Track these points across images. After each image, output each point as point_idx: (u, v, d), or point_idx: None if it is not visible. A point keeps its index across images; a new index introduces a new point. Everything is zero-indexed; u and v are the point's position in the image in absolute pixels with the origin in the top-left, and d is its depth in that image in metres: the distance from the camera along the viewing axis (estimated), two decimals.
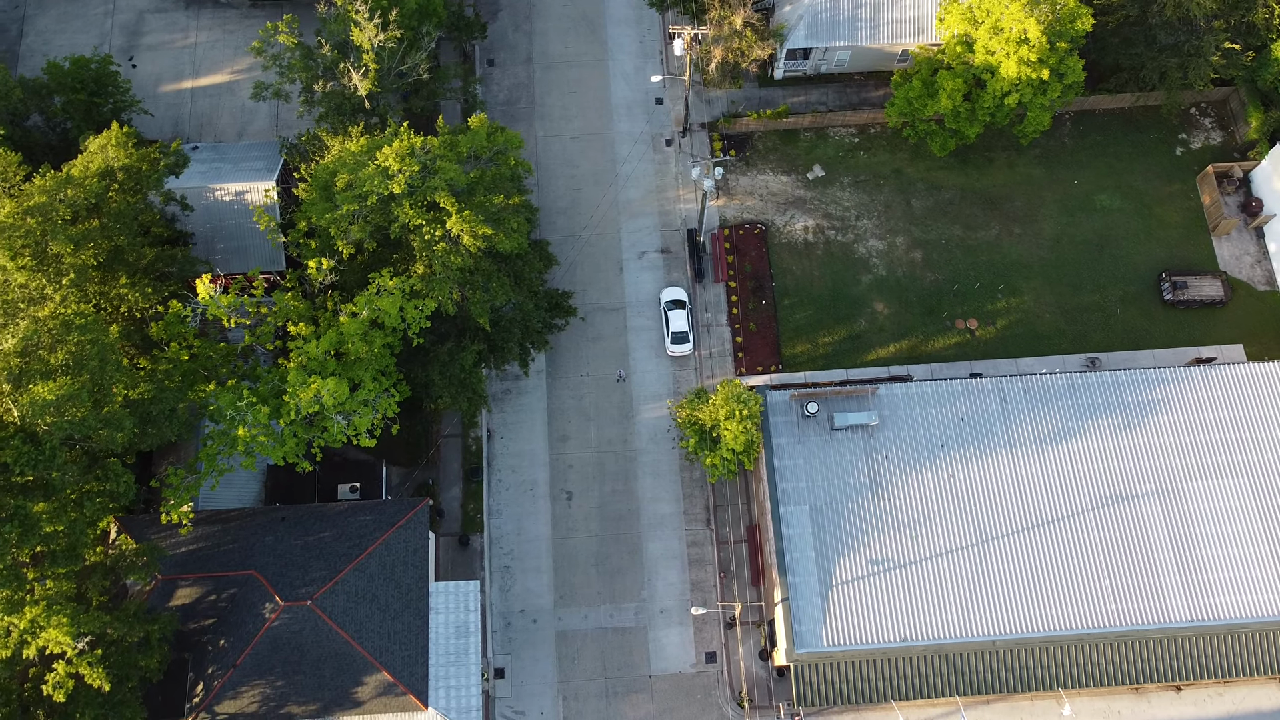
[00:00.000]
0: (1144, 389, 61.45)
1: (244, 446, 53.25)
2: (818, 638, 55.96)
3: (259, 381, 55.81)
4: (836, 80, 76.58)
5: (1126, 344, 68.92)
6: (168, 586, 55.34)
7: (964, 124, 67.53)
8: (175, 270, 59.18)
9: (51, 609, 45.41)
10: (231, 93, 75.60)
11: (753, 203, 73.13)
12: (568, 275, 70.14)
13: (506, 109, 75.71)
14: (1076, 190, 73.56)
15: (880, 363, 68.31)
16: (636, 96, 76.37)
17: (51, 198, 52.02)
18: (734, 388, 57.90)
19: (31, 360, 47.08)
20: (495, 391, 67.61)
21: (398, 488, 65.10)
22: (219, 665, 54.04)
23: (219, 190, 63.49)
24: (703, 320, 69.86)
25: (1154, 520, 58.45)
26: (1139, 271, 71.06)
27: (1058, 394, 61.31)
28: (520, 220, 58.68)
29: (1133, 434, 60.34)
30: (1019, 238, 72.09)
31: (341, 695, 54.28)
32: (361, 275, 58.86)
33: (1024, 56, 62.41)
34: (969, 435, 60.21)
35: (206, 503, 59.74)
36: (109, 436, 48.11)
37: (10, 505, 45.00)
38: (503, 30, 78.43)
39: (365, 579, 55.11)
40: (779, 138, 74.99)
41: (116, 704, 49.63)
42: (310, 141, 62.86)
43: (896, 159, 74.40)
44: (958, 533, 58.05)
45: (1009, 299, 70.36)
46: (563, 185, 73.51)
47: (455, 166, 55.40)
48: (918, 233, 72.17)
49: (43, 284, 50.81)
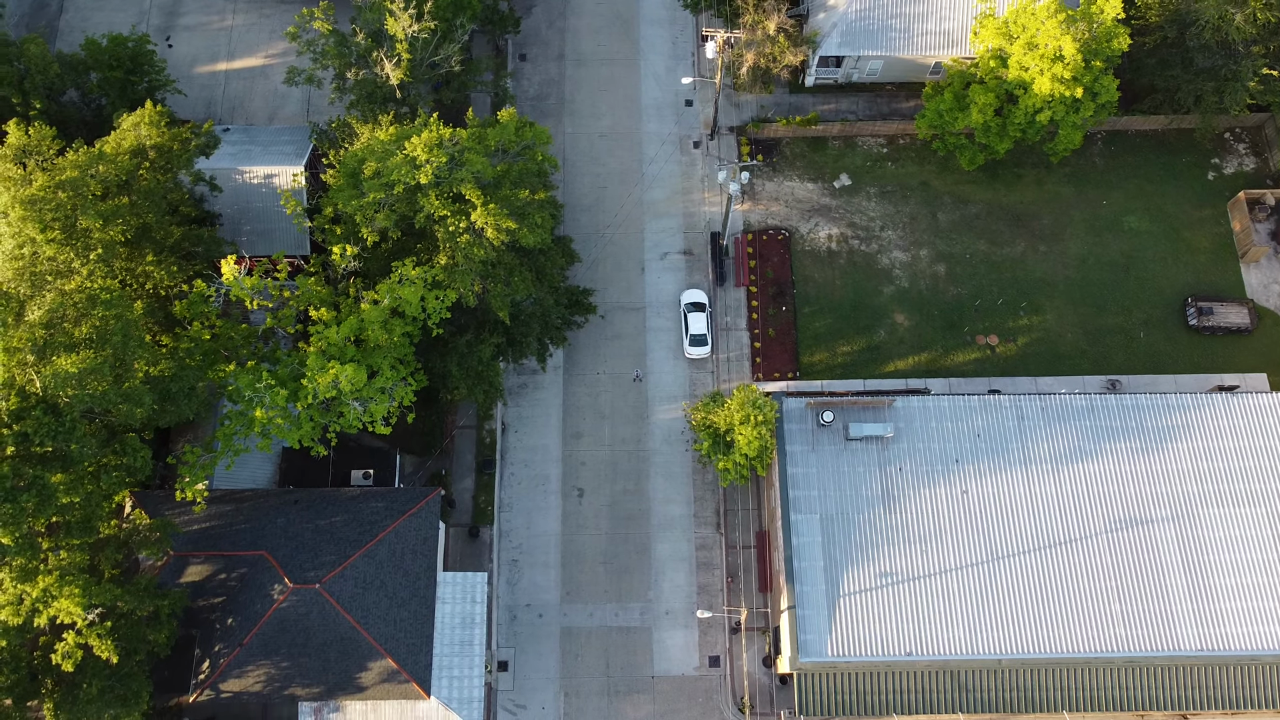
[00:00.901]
0: (1164, 414, 60.91)
1: (261, 428, 53.62)
2: (822, 647, 55.79)
3: (278, 364, 56.18)
4: (867, 89, 76.32)
5: (1148, 368, 68.34)
6: (179, 563, 55.84)
7: (994, 139, 67.15)
8: (201, 250, 59.68)
9: (64, 579, 45.90)
10: (265, 77, 76.17)
11: (778, 209, 72.99)
12: (589, 273, 70.24)
13: (536, 104, 75.91)
14: (1105, 210, 73.00)
15: (898, 375, 68.03)
16: (666, 97, 76.38)
17: (83, 173, 52.56)
18: (750, 393, 57.81)
19: (56, 333, 47.61)
20: (511, 385, 67.80)
21: (411, 476, 65.39)
22: (226, 643, 54.48)
23: (248, 173, 63.99)
24: (722, 324, 69.79)
25: (1167, 546, 57.91)
26: (1165, 295, 70.44)
27: (1076, 414, 60.86)
28: (544, 215, 58.81)
29: (1150, 458, 59.80)
30: (1044, 255, 71.60)
31: (345, 680, 54.60)
32: (384, 263, 59.17)
33: (1058, 74, 61.99)
34: (984, 451, 59.86)
35: (221, 482, 60.26)
36: (128, 411, 48.58)
37: (29, 475, 45.51)
38: (536, 25, 78.62)
39: (374, 565, 55.41)
40: (807, 145, 74.81)
41: (123, 676, 50.12)
42: (340, 128, 63.24)
43: (924, 171, 74.07)
44: (968, 549, 57.72)
45: (1031, 317, 69.91)
46: (589, 183, 73.62)
47: (483, 159, 55.59)
48: (942, 246, 71.82)
49: (70, 258, 51.36)
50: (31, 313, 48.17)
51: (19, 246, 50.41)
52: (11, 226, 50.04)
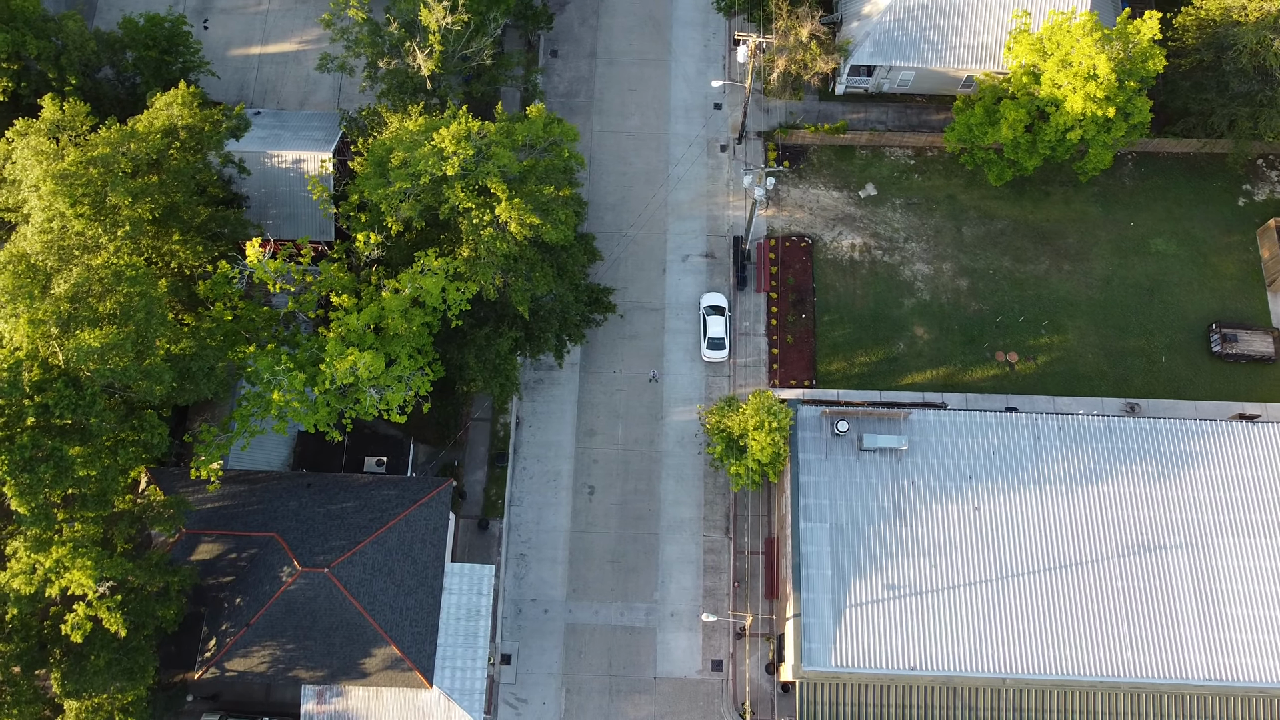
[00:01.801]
0: (1183, 440, 60.36)
1: (277, 410, 53.98)
2: (827, 657, 55.62)
3: (298, 348, 56.54)
4: (897, 100, 76.03)
5: (1169, 392, 67.75)
6: (191, 540, 56.27)
7: (1023, 155, 66.75)
8: (227, 231, 60.13)
9: (77, 551, 46.29)
10: (298, 62, 76.67)
11: (802, 215, 72.82)
12: (610, 271, 70.30)
13: (565, 101, 76.04)
14: (1132, 232, 72.42)
15: (915, 388, 67.74)
16: (695, 99, 76.35)
17: (115, 150, 53.05)
18: (766, 399, 57.71)
19: (81, 307, 48.07)
20: (528, 380, 67.95)
21: (423, 466, 65.66)
22: (233, 622, 54.87)
23: (277, 157, 64.41)
24: (741, 328, 69.69)
25: (1180, 573, 57.39)
26: (1189, 320, 69.81)
27: (1093, 436, 60.42)
28: (568, 212, 58.94)
29: (1166, 484, 59.30)
30: (1068, 275, 71.11)
31: (349, 664, 54.87)
32: (407, 253, 59.44)
33: (1091, 92, 61.56)
34: (999, 469, 59.50)
35: (236, 462, 60.69)
36: (148, 388, 48.99)
37: (48, 446, 45.97)
38: (569, 23, 78.76)
39: (383, 553, 55.67)
40: (834, 153, 74.60)
41: (131, 650, 50.57)
42: (370, 117, 63.56)
43: (951, 184, 73.71)
44: (978, 566, 57.40)
45: (1052, 336, 69.44)
46: (614, 181, 73.69)
47: (509, 154, 55.76)
48: (966, 260, 71.46)
49: (98, 233, 51.84)
50: (57, 286, 48.66)
51: (48, 220, 50.93)
52: (42, 200, 50.57)
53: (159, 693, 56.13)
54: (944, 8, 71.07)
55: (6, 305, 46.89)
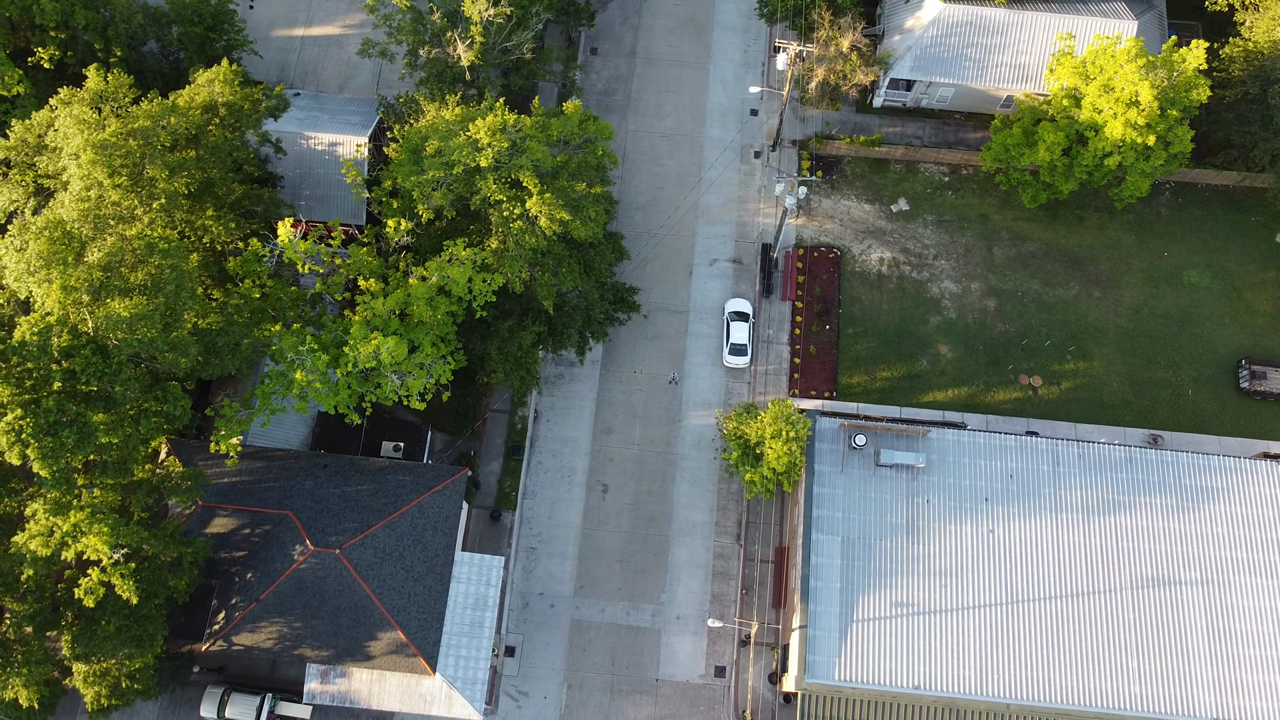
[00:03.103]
0: (1205, 475, 59.66)
1: (299, 390, 54.37)
2: (830, 670, 55.38)
3: (323, 329, 56.94)
4: (935, 116, 75.61)
5: (1193, 426, 66.98)
6: (206, 513, 56.81)
7: (1059, 178, 66.20)
8: (260, 210, 60.60)
9: (95, 516, 46.76)
10: (340, 46, 77.20)
11: (832, 226, 72.57)
12: (637, 271, 70.34)
13: (602, 99, 76.14)
14: (1166, 262, 71.66)
15: (936, 406, 67.33)
16: (732, 104, 76.26)
17: (155, 123, 53.59)
18: (785, 408, 57.56)
19: (113, 276, 48.60)
20: (548, 374, 68.10)
21: (440, 454, 65.95)
22: (243, 597, 55.33)
23: (313, 139, 64.89)
24: (764, 336, 69.53)
25: (1193, 609, 56.73)
26: (1218, 354, 69.00)
27: (1114, 465, 59.84)
28: (599, 210, 59.01)
29: (1185, 518, 58.63)
30: (1098, 301, 70.47)
31: (354, 646, 55.21)
32: (436, 241, 59.71)
33: (1132, 119, 60.96)
34: (1015, 493, 59.06)
35: (255, 439, 61.20)
36: (173, 360, 49.47)
37: (72, 411, 46.49)
38: (610, 21, 78.87)
39: (395, 537, 55.96)
40: (868, 165, 74.29)
41: (141, 618, 51.06)
42: (408, 104, 63.91)
43: (984, 204, 73.23)
44: (988, 589, 56.98)
45: (1078, 362, 68.84)
46: (646, 182, 73.72)
47: (543, 148, 55.90)
48: (995, 281, 70.97)
49: (134, 204, 52.42)
50: (91, 254, 49.22)
51: (86, 189, 51.51)
52: (81, 168, 51.16)
53: (166, 662, 56.71)
54: (987, 26, 70.65)
55: (40, 270, 47.47)
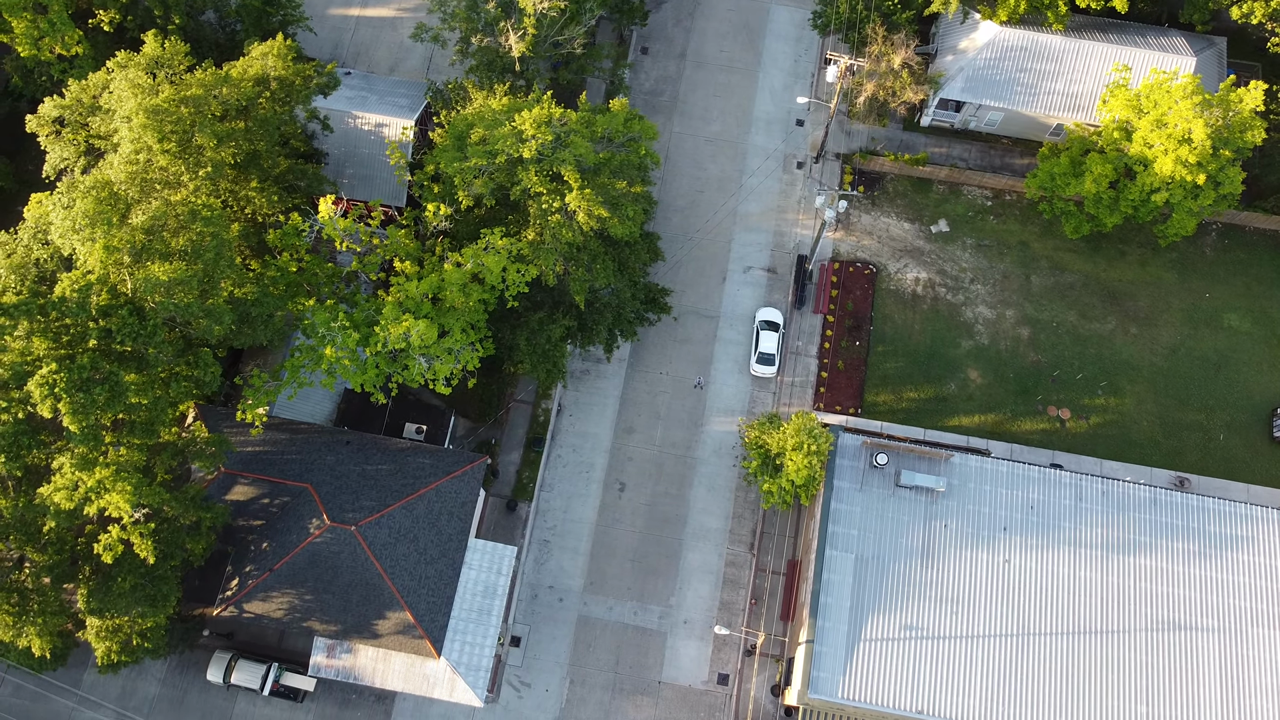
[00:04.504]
0: (1230, 522, 58.73)
1: (328, 365, 54.84)
2: (834, 687, 55.11)
3: (356, 307, 57.42)
4: (982, 139, 75.00)
5: (1222, 472, 65.96)
6: (228, 480, 57.47)
7: (1104, 211, 65.45)
8: (303, 185, 61.22)
9: (119, 474, 47.41)
10: (393, 28, 77.81)
11: (869, 243, 72.17)
12: (670, 273, 70.33)
13: (649, 99, 76.19)
14: (1206, 304, 70.63)
15: (961, 431, 66.76)
16: (779, 113, 76.04)
17: (207, 92, 54.32)
18: (808, 421, 57.34)
19: (155, 239, 49.29)
20: (574, 369, 68.26)
21: (461, 439, 66.30)
22: (257, 566, 55.93)
23: (360, 118, 65.44)
24: (792, 347, 69.29)
25: (1207, 657, 55.87)
26: (1253, 401, 67.90)
27: (1137, 505, 59.05)
28: (637, 209, 59.06)
29: (1206, 564, 57.75)
30: (1134, 338, 69.59)
31: (362, 623, 55.64)
32: (474, 229, 60.04)
33: (1183, 156, 60.15)
34: (1034, 525, 58.45)
35: (281, 410, 61.84)
36: (208, 326, 50.10)
37: (105, 369, 47.20)
38: (663, 21, 78.90)
39: (411, 519, 56.34)
40: (911, 184, 73.81)
41: (156, 578, 51.75)
42: (456, 90, 64.29)
43: (1025, 231, 72.53)
44: (999, 620, 56.43)
45: (1109, 398, 68.02)
46: (686, 184, 73.69)
47: (587, 144, 56.03)
48: (1030, 310, 70.27)
49: (181, 171, 53.13)
50: (136, 217, 49.96)
51: (136, 152, 52.29)
52: (132, 132, 51.93)
53: (177, 623, 57.48)
54: (1042, 52, 69.98)
55: (85, 229, 48.23)
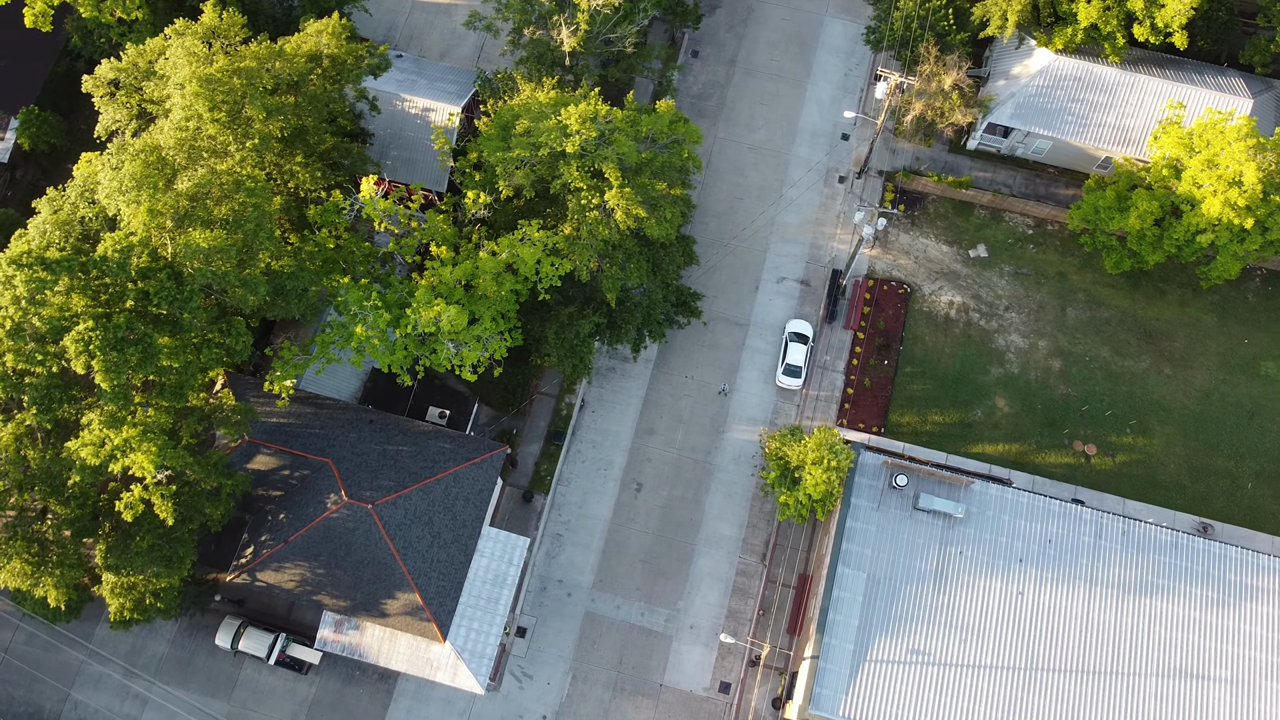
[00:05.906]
0: (1252, 573, 57.77)
1: (357, 344, 55.31)
2: (836, 705, 54.79)
3: (389, 288, 57.85)
4: (1028, 166, 74.29)
5: (1248, 521, 64.90)
6: (250, 449, 58.09)
7: (1147, 248, 64.62)
8: (347, 163, 61.76)
9: (146, 435, 48.06)
10: (447, 14, 78.32)
11: (906, 262, 71.72)
12: (703, 278, 70.27)
13: (696, 102, 76.16)
14: (1245, 349, 69.55)
15: (984, 458, 66.18)
16: (824, 126, 75.75)
17: (260, 65, 54.97)
18: (830, 436, 57.07)
19: (198, 207, 49.93)
20: (600, 366, 68.37)
21: (483, 427, 66.59)
22: (272, 536, 56.49)
23: (408, 101, 65.91)
24: (820, 361, 69.00)
25: (1217, 708, 54.97)
26: None
27: (1158, 548, 58.24)
28: (675, 212, 59.06)
29: (1224, 613, 56.85)
30: (1168, 379, 68.64)
31: (371, 602, 56.04)
32: (512, 219, 60.30)
33: (1232, 199, 59.27)
34: (1052, 558, 57.81)
35: (308, 384, 62.40)
36: (243, 296, 50.68)
37: (140, 330, 47.86)
38: (715, 26, 78.84)
39: (427, 502, 56.67)
40: (952, 207, 73.28)
41: (173, 540, 52.38)
42: (505, 80, 64.60)
43: (1065, 262, 71.77)
44: (1009, 652, 55.86)
45: (1137, 437, 67.14)
46: (726, 191, 73.58)
47: (630, 143, 56.10)
48: (1063, 342, 69.53)
49: (229, 140, 53.78)
50: (181, 183, 50.62)
51: (186, 119, 52.98)
52: (184, 99, 52.63)
53: (190, 586, 58.13)
54: (1096, 83, 69.23)
55: (131, 191, 48.92)
